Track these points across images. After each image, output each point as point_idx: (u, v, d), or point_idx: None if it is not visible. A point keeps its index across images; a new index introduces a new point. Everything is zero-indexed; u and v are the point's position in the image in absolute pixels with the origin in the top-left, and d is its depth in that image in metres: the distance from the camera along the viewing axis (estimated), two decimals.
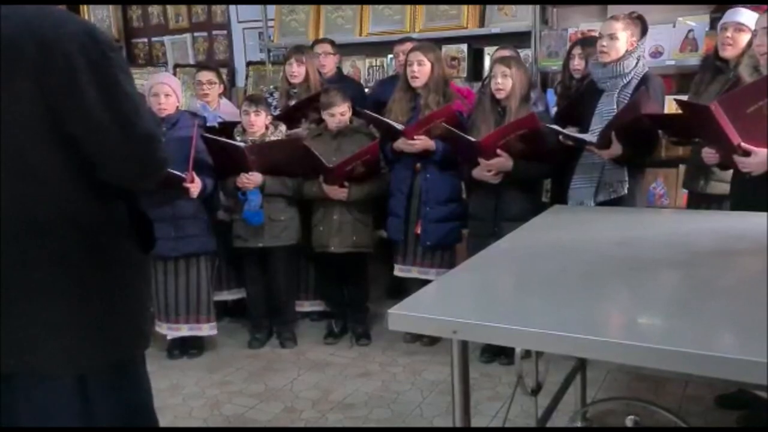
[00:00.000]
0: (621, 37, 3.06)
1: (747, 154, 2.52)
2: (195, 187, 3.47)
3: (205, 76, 4.17)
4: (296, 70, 4.02)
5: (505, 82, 3.26)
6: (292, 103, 4.06)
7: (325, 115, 3.71)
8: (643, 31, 3.18)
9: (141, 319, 1.74)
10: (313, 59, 4.15)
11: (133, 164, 1.59)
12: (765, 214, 2.35)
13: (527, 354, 2.22)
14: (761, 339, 1.30)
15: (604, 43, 3.09)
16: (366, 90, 4.64)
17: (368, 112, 3.76)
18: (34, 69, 1.44)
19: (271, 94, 4.27)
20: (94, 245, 1.59)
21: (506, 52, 3.77)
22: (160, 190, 3.47)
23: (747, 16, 3.12)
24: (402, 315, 1.59)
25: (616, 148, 3.02)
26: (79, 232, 1.57)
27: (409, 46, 3.89)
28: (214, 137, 3.65)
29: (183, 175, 3.40)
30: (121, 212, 1.67)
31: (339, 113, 3.67)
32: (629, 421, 1.89)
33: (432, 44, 3.79)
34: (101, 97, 1.49)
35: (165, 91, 3.51)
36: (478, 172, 3.33)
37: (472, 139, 3.24)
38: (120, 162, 1.57)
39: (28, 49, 1.44)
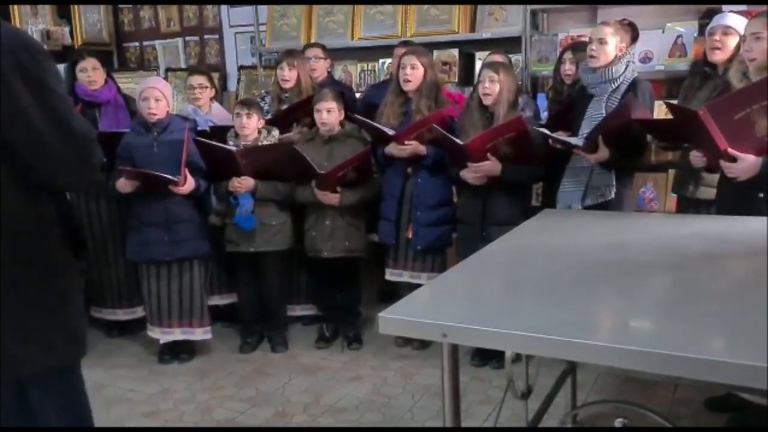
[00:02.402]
0: (610, 42, 3.08)
1: (733, 159, 2.54)
2: (186, 188, 3.48)
3: (197, 80, 4.17)
4: (288, 75, 4.03)
5: (492, 87, 3.28)
6: (284, 107, 4.06)
7: (315, 114, 3.71)
8: (634, 38, 3.20)
9: (77, 325, 1.74)
10: (305, 64, 4.16)
11: (71, 165, 1.61)
12: (753, 218, 2.37)
13: (518, 357, 2.23)
14: (750, 342, 1.32)
15: (594, 47, 3.11)
16: (357, 95, 4.65)
17: (360, 117, 3.77)
18: None
19: (263, 99, 4.27)
20: (27, 251, 1.60)
21: (498, 58, 3.79)
22: (152, 192, 3.50)
23: (734, 20, 3.15)
24: (392, 319, 1.59)
25: (603, 152, 3.04)
26: (10, 239, 1.57)
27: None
28: (206, 141, 3.66)
29: (175, 179, 3.41)
30: (52, 217, 1.67)
31: (326, 108, 3.65)
32: (618, 423, 1.90)
33: (425, 49, 3.81)
34: (36, 102, 1.50)
35: (155, 96, 3.51)
36: (465, 173, 3.34)
37: (460, 142, 3.25)
38: (58, 163, 1.58)
39: None
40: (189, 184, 3.49)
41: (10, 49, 1.48)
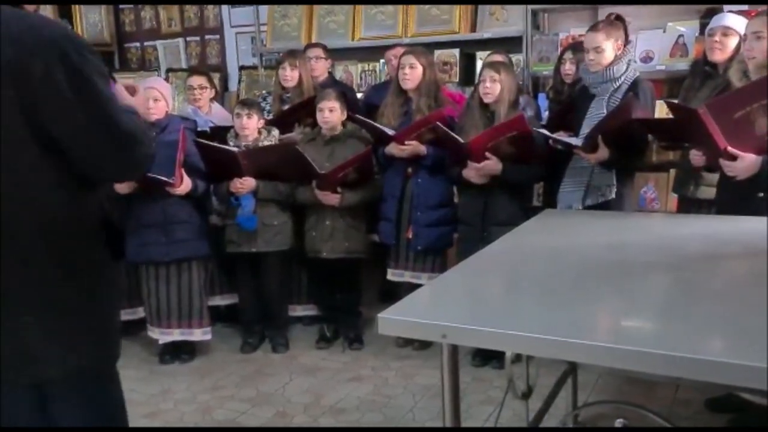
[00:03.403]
0: (606, 48, 3.08)
1: (733, 158, 2.53)
2: (183, 189, 3.47)
3: (196, 80, 4.17)
4: (289, 75, 4.02)
5: (493, 87, 3.28)
6: (286, 107, 4.06)
7: (317, 113, 3.71)
8: (626, 31, 3.18)
9: (107, 329, 1.71)
10: (307, 64, 4.15)
11: (119, 162, 1.61)
12: (753, 218, 2.36)
13: (518, 358, 2.22)
14: (750, 342, 1.31)
15: (592, 57, 3.11)
16: (359, 95, 4.65)
17: (360, 117, 3.77)
18: (13, 74, 1.43)
19: (265, 99, 4.27)
20: (64, 253, 1.58)
21: (498, 58, 3.79)
22: (149, 193, 3.50)
23: (733, 20, 3.15)
24: (392, 319, 1.59)
25: (603, 152, 3.03)
26: (50, 240, 1.55)
27: (399, 50, 3.91)
28: (207, 142, 3.65)
29: (170, 180, 3.40)
30: (95, 220, 1.66)
31: (328, 108, 3.65)
32: (618, 423, 1.90)
33: (424, 49, 3.81)
34: (82, 101, 1.49)
35: (154, 96, 3.51)
36: (467, 171, 3.34)
37: (461, 141, 3.25)
38: (107, 161, 1.59)
39: (5, 54, 1.42)
40: (185, 185, 3.49)
41: (59, 48, 1.47)
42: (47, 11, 5.72)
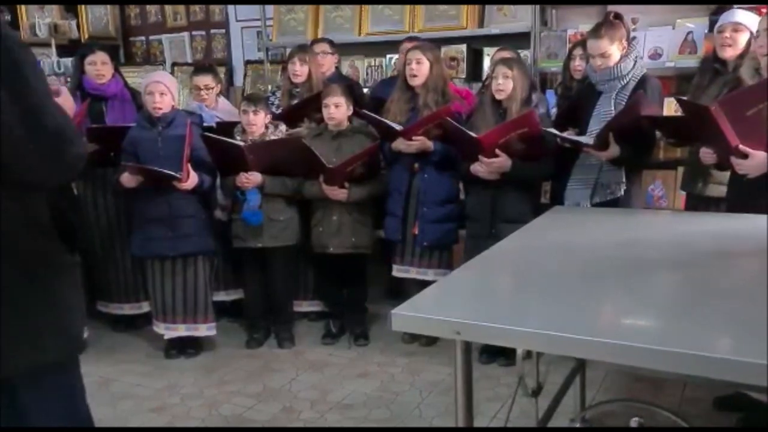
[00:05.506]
0: (613, 51, 3.06)
1: (744, 156, 2.52)
2: (189, 183, 3.47)
3: (202, 80, 4.08)
4: (299, 70, 4.00)
5: (506, 84, 3.26)
6: (295, 102, 4.05)
7: (323, 109, 3.70)
8: (627, 27, 3.16)
9: (68, 323, 1.69)
10: (316, 59, 4.14)
11: (41, 161, 1.50)
12: (762, 216, 2.35)
13: (528, 355, 2.22)
14: (759, 340, 1.31)
15: (599, 63, 3.09)
16: (365, 90, 4.64)
17: (367, 112, 3.76)
18: None
19: (273, 93, 4.26)
20: (12, 249, 1.55)
21: (507, 54, 3.77)
22: (155, 188, 3.50)
23: (743, 16, 3.13)
24: (405, 316, 1.58)
25: (614, 150, 3.02)
26: (2, 242, 1.53)
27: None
28: (214, 136, 3.65)
29: (177, 175, 3.40)
30: (41, 214, 1.63)
31: (333, 103, 3.64)
32: (633, 423, 1.89)
33: (432, 44, 3.80)
34: (8, 95, 1.42)
35: (160, 90, 3.50)
36: (476, 166, 3.32)
37: (474, 135, 3.23)
38: (28, 159, 1.48)
39: None
40: (192, 180, 3.48)
41: None
42: (53, 9, 5.73)
